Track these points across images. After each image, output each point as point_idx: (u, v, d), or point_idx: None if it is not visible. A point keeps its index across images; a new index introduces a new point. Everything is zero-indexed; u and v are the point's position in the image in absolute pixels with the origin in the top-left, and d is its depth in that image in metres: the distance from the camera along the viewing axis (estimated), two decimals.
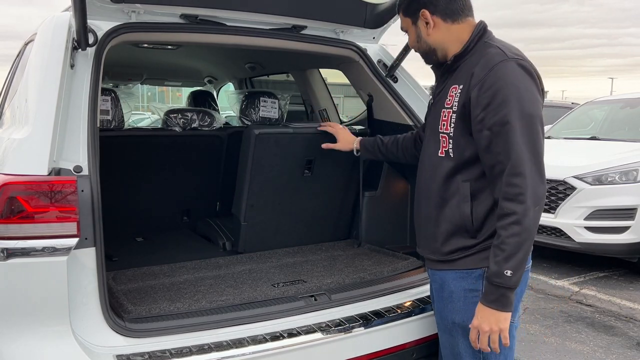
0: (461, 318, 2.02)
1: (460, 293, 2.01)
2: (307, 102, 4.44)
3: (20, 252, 1.74)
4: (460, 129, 1.95)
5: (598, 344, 4.21)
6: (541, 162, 1.82)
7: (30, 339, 1.81)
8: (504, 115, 1.80)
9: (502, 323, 1.85)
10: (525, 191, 1.77)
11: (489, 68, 1.85)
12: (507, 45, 1.95)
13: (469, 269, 1.99)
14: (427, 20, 2.02)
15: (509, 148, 1.79)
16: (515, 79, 1.82)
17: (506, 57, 1.86)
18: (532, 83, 1.85)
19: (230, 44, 2.81)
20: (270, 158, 2.96)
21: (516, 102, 1.79)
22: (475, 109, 1.87)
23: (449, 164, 1.99)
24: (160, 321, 2.11)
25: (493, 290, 1.83)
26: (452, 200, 1.99)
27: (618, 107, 7.62)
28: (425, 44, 2.07)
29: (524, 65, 1.86)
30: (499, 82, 1.82)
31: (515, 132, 1.78)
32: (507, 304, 1.84)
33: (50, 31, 2.15)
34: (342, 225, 3.39)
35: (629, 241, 5.53)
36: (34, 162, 1.80)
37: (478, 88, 1.86)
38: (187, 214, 3.86)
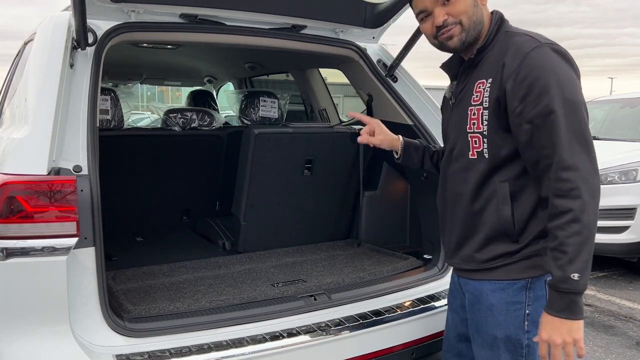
0: (503, 332, 1.83)
1: (501, 306, 1.82)
2: (307, 102, 4.44)
3: (20, 251, 1.74)
4: (494, 126, 1.76)
5: (597, 343, 4.21)
6: (592, 152, 1.64)
7: (30, 339, 1.80)
8: (545, 105, 1.63)
9: (576, 333, 1.64)
10: (580, 185, 1.59)
11: (522, 56, 1.69)
12: (533, 32, 1.78)
13: (511, 280, 1.80)
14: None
15: (555, 140, 1.62)
16: (553, 65, 1.67)
17: (539, 43, 1.70)
18: (570, 68, 1.70)
19: (230, 43, 2.81)
20: (269, 158, 2.96)
21: (557, 88, 1.63)
22: (512, 101, 1.70)
23: (483, 165, 1.81)
24: (160, 321, 2.11)
25: (560, 298, 1.64)
26: (489, 203, 1.81)
27: (618, 107, 7.62)
28: (481, 12, 1.83)
29: (559, 49, 1.71)
30: (535, 70, 1.66)
31: (561, 122, 1.62)
32: (578, 311, 1.64)
33: (50, 31, 2.15)
34: (341, 225, 3.39)
35: (629, 241, 5.53)
36: (33, 162, 1.80)
37: (513, 79, 1.69)
38: (187, 213, 3.86)
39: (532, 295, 1.78)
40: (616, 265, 6.12)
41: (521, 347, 1.81)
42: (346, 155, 3.16)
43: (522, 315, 1.79)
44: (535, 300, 1.78)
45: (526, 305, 1.78)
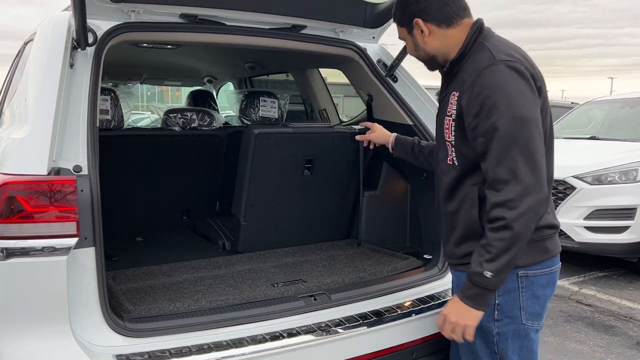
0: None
1: None
2: (307, 102, 4.44)
3: (20, 251, 1.74)
4: (460, 137, 1.94)
5: (598, 343, 4.21)
6: (537, 167, 1.76)
7: (30, 339, 1.80)
8: (493, 122, 1.77)
9: (470, 320, 1.87)
10: (516, 197, 1.74)
11: (476, 74, 1.83)
12: (501, 45, 1.90)
13: None
14: (421, 29, 1.99)
15: (500, 154, 1.76)
16: (503, 83, 1.78)
17: (494, 61, 1.82)
18: (523, 84, 1.80)
19: (230, 43, 2.81)
20: (270, 158, 2.96)
21: (505, 107, 1.76)
22: (467, 116, 1.86)
23: (455, 172, 1.99)
24: (160, 321, 2.11)
25: (471, 287, 1.84)
26: (463, 205, 1.97)
27: (618, 107, 7.62)
28: (424, 51, 2.05)
29: (514, 66, 1.81)
30: (486, 88, 1.79)
31: (506, 138, 1.75)
32: (482, 303, 1.85)
33: (50, 31, 2.15)
34: (341, 225, 3.39)
35: (629, 241, 5.54)
36: (33, 162, 1.80)
37: (467, 96, 1.85)
38: (187, 213, 3.86)
39: (502, 287, 1.91)
40: (616, 265, 6.12)
41: (492, 335, 1.98)
42: (346, 155, 3.16)
43: (492, 305, 1.93)
44: (506, 293, 1.94)
45: (496, 296, 1.92)
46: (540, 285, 1.97)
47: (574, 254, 6.02)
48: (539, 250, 1.95)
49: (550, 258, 1.99)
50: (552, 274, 2.02)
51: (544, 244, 1.97)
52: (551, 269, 2.00)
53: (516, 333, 1.97)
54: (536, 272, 1.96)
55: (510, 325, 1.96)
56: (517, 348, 1.98)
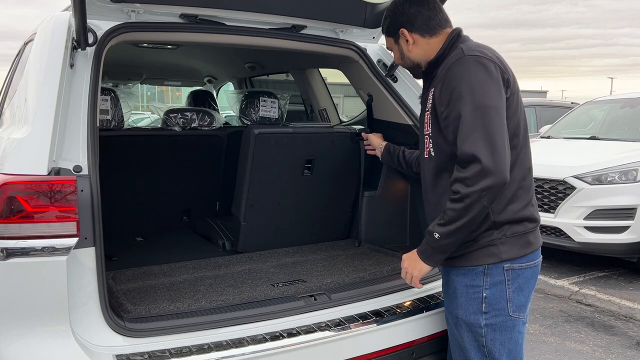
0: (464, 313, 2.09)
1: (462, 289, 2.08)
2: (307, 102, 4.44)
3: (20, 251, 1.74)
4: (436, 129, 2.06)
5: (597, 343, 4.21)
6: (497, 150, 1.85)
7: (30, 339, 1.81)
8: (458, 110, 1.91)
9: (417, 271, 2.09)
10: (473, 176, 1.84)
11: (447, 67, 1.99)
12: (472, 44, 2.05)
13: (470, 266, 2.05)
14: (406, 38, 2.16)
15: (463, 138, 1.88)
16: (469, 75, 1.92)
17: (462, 55, 1.96)
18: (487, 75, 1.92)
19: (230, 43, 2.81)
20: (270, 158, 2.96)
21: (469, 96, 1.89)
22: (439, 107, 2.01)
23: (432, 163, 2.12)
24: (160, 321, 2.11)
25: (424, 244, 2.04)
26: (443, 197, 2.04)
27: (618, 107, 7.62)
28: (409, 59, 2.22)
29: (480, 60, 1.94)
30: (454, 80, 1.94)
31: (468, 123, 1.88)
32: (429, 259, 2.05)
33: (50, 31, 2.15)
34: (341, 225, 3.39)
35: (629, 241, 5.54)
36: (33, 162, 1.80)
37: (439, 87, 2.01)
38: (187, 213, 3.86)
39: (489, 280, 2.02)
40: (616, 265, 6.12)
41: (480, 327, 2.06)
42: (346, 155, 3.16)
43: (480, 297, 2.04)
44: (493, 285, 2.02)
45: (483, 289, 2.03)
46: (525, 278, 2.05)
47: (573, 254, 6.03)
48: (522, 244, 2.04)
49: (533, 251, 2.08)
50: (536, 267, 2.10)
51: (527, 237, 2.06)
52: (534, 262, 2.09)
53: (504, 325, 2.04)
54: (521, 265, 2.04)
55: (497, 317, 2.04)
56: (506, 340, 2.05)
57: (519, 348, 2.09)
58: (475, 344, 2.08)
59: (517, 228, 2.02)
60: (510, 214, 2.01)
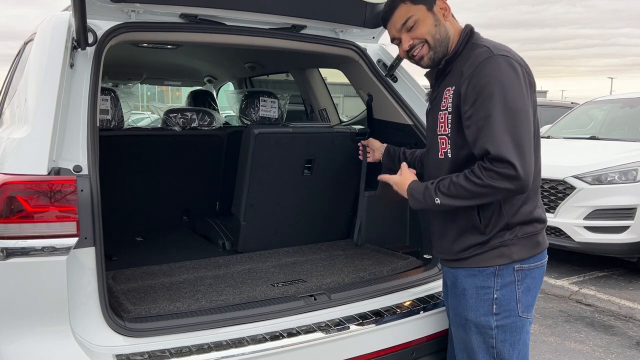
0: (474, 315, 2.06)
1: (472, 290, 2.05)
2: (307, 102, 4.44)
3: (20, 251, 1.74)
4: (456, 128, 1.99)
5: (597, 343, 4.21)
6: (526, 154, 1.83)
7: (30, 339, 1.80)
8: (488, 110, 1.84)
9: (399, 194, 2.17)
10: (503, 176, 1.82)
11: (475, 65, 1.90)
12: (495, 43, 1.99)
13: (481, 267, 2.02)
14: (442, 6, 2.04)
15: (492, 139, 1.83)
16: (501, 75, 1.86)
17: (492, 54, 1.90)
18: (517, 78, 1.88)
19: (230, 43, 2.81)
20: (270, 158, 2.96)
21: (500, 96, 1.83)
22: (464, 105, 1.92)
23: (448, 164, 2.04)
24: (160, 321, 2.11)
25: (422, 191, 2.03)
26: None
27: (617, 107, 7.62)
28: (444, 29, 2.05)
29: (510, 61, 1.89)
30: (484, 78, 1.86)
31: (498, 124, 1.82)
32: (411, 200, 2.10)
33: (50, 30, 2.14)
34: (341, 225, 3.39)
35: (629, 241, 5.54)
36: (33, 162, 1.80)
37: (466, 85, 1.91)
38: (187, 213, 3.86)
39: (500, 281, 2.00)
40: (616, 265, 6.12)
41: (490, 328, 2.03)
42: (346, 155, 3.16)
43: (490, 299, 2.01)
44: (504, 286, 2.00)
45: (494, 290, 2.00)
46: (533, 278, 2.05)
47: (573, 253, 6.03)
48: (532, 244, 2.03)
49: (541, 251, 2.08)
50: (543, 266, 2.10)
51: (537, 238, 2.05)
52: (542, 262, 2.08)
53: (514, 326, 2.03)
54: (530, 266, 2.03)
55: (508, 318, 2.02)
56: (515, 341, 2.04)
57: (526, 348, 2.09)
58: (484, 346, 2.05)
59: (527, 229, 2.01)
60: (523, 216, 2.00)
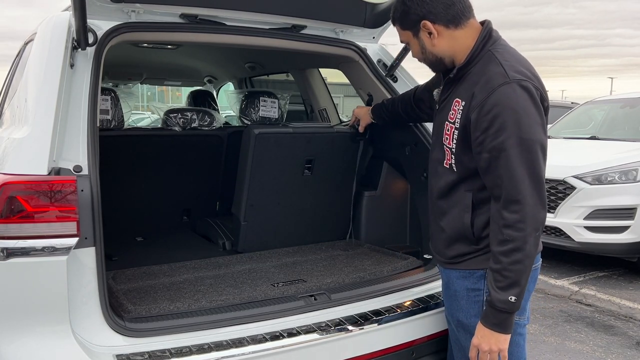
0: (464, 316, 2.07)
1: (463, 292, 2.06)
2: (307, 102, 4.44)
3: (20, 251, 1.74)
4: (461, 146, 1.94)
5: (598, 343, 4.21)
6: (541, 187, 1.80)
7: (30, 338, 1.81)
8: (502, 142, 1.77)
9: (502, 344, 1.88)
10: (525, 219, 1.77)
11: (489, 91, 1.81)
12: (512, 59, 1.88)
13: (471, 270, 2.03)
14: (429, 31, 1.94)
15: (507, 174, 1.78)
16: (515, 104, 1.77)
17: (507, 80, 1.80)
18: (532, 105, 1.79)
19: (230, 43, 2.81)
20: (270, 158, 2.96)
21: (514, 127, 1.76)
22: (475, 131, 1.85)
23: (452, 176, 2.00)
24: (160, 321, 2.11)
25: (496, 315, 1.85)
26: (454, 209, 2.01)
27: (618, 107, 7.62)
28: (432, 54, 2.01)
29: (526, 86, 1.80)
30: (498, 106, 1.78)
31: (514, 159, 1.76)
32: (509, 327, 1.87)
33: (50, 31, 2.15)
34: (342, 225, 3.39)
35: (629, 241, 5.54)
36: (33, 162, 1.80)
37: (477, 111, 1.83)
38: (187, 213, 3.86)
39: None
40: (616, 265, 6.12)
41: None
42: (346, 155, 3.16)
43: (481, 301, 2.00)
44: None
45: (484, 293, 1.98)
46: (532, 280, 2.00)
47: (574, 253, 6.03)
48: None
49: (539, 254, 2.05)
50: (536, 269, 2.07)
51: None
52: (536, 265, 2.05)
53: None
54: None
55: None
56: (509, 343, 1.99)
57: (520, 350, 2.08)
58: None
59: None
60: None
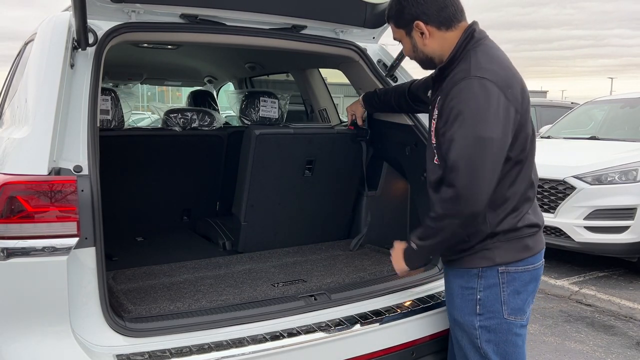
0: (458, 314, 2.10)
1: (458, 290, 2.09)
2: (307, 102, 4.44)
3: (21, 251, 1.74)
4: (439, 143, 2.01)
5: (598, 343, 4.21)
6: (478, 182, 1.84)
7: (31, 338, 1.81)
8: (452, 133, 1.87)
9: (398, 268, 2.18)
10: (449, 200, 1.88)
11: (451, 86, 1.91)
12: (484, 58, 1.93)
13: (465, 268, 2.05)
14: (422, 31, 2.03)
15: (449, 162, 1.88)
16: (468, 98, 1.84)
17: (468, 75, 1.87)
18: (488, 102, 1.83)
19: (230, 43, 2.81)
20: (270, 158, 2.96)
21: (466, 122, 1.84)
22: (439, 122, 1.97)
23: (440, 172, 2.04)
24: (160, 321, 2.11)
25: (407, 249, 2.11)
26: None
27: (618, 107, 7.62)
28: (422, 53, 2.09)
29: (483, 83, 1.84)
30: (454, 99, 1.87)
31: (458, 150, 1.85)
32: (408, 261, 2.13)
33: (50, 31, 2.15)
34: (342, 225, 3.39)
35: (629, 241, 5.54)
36: (34, 162, 1.80)
37: (441, 104, 1.95)
38: (187, 213, 3.86)
39: (483, 283, 2.02)
40: (616, 265, 6.12)
41: (474, 329, 2.06)
42: (347, 156, 3.17)
43: (474, 300, 2.04)
44: (487, 288, 2.02)
45: (477, 291, 2.03)
46: (523, 282, 2.03)
47: (574, 253, 6.03)
48: (518, 248, 2.01)
49: (532, 255, 2.04)
50: (535, 270, 2.07)
51: (524, 242, 2.02)
52: (534, 265, 2.05)
53: (498, 327, 2.04)
54: (517, 269, 2.02)
55: (492, 319, 2.03)
56: (501, 342, 2.04)
57: (518, 350, 2.08)
58: (471, 345, 2.08)
59: (513, 234, 2.00)
60: (507, 225, 1.99)
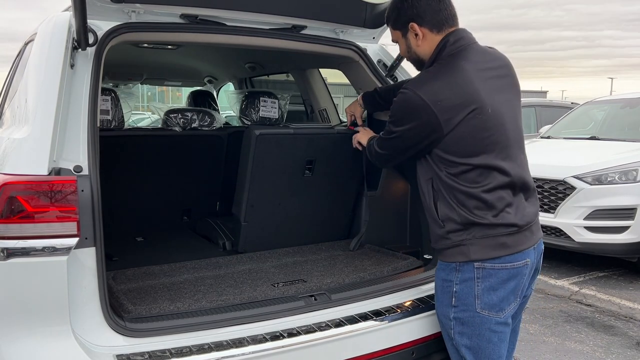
0: (439, 305, 2.21)
1: (439, 282, 2.20)
2: (307, 102, 4.44)
3: (21, 251, 1.74)
4: None
5: (598, 343, 4.21)
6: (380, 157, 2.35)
7: (31, 339, 1.81)
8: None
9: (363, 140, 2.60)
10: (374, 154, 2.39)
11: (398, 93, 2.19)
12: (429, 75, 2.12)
13: (446, 262, 2.16)
14: (416, 32, 2.17)
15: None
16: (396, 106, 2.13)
17: (406, 89, 2.09)
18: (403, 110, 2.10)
19: (230, 43, 2.81)
20: (270, 158, 2.96)
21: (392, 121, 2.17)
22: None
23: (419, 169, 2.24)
24: (161, 321, 2.12)
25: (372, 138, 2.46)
26: (424, 197, 2.20)
27: (618, 107, 7.62)
28: (415, 54, 2.24)
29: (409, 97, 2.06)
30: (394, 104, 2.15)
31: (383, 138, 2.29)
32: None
33: (50, 31, 2.15)
34: (342, 225, 3.39)
35: (629, 241, 5.54)
36: (34, 162, 1.80)
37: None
38: (187, 213, 3.86)
39: (459, 276, 2.10)
40: (616, 265, 6.13)
41: (449, 319, 2.16)
42: (347, 156, 3.16)
43: (451, 292, 2.13)
44: (463, 281, 2.10)
45: (454, 284, 2.12)
46: (500, 279, 2.06)
47: (574, 254, 6.03)
48: (493, 246, 2.05)
49: (510, 254, 2.06)
50: (515, 269, 2.08)
51: (500, 240, 2.05)
52: (513, 264, 2.07)
53: (471, 320, 2.09)
54: (494, 266, 2.05)
55: (465, 312, 2.10)
56: (473, 335, 2.10)
57: (492, 347, 2.10)
58: (447, 336, 2.19)
59: (487, 232, 2.04)
60: (479, 219, 2.04)
